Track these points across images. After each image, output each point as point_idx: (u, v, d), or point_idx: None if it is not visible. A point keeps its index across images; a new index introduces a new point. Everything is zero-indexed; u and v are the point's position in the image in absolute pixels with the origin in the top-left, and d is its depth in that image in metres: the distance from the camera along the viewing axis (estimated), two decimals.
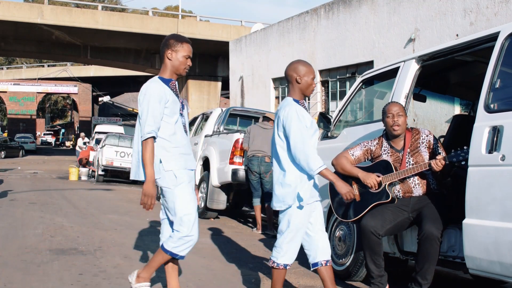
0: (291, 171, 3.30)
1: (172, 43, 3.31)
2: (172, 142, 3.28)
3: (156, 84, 3.26)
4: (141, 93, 3.27)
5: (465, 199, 3.29)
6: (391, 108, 3.84)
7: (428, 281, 3.51)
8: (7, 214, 7.63)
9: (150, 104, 3.19)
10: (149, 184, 3.16)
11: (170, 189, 3.27)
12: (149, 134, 3.16)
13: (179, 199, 3.28)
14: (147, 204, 3.20)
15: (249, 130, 7.32)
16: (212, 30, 26.32)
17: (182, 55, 3.32)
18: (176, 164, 3.27)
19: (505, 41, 3.31)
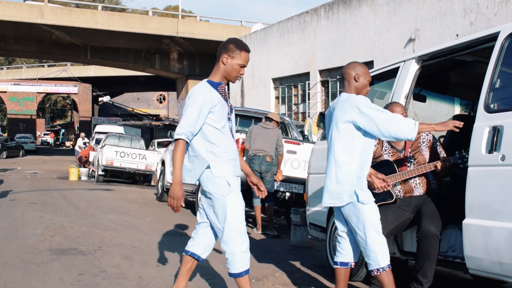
0: (347, 168, 3.27)
1: (231, 48, 3.20)
2: (220, 147, 3.16)
3: (203, 88, 3.17)
4: (188, 95, 3.21)
5: (465, 199, 3.29)
6: (394, 109, 3.82)
7: (429, 279, 3.51)
8: (7, 214, 7.63)
9: (190, 107, 3.11)
10: (175, 186, 3.03)
11: (223, 196, 3.12)
12: (178, 135, 3.06)
13: (232, 207, 3.13)
14: (174, 206, 3.05)
15: (250, 130, 7.34)
16: (212, 30, 26.32)
17: (238, 63, 3.21)
18: (226, 170, 3.15)
19: (505, 41, 3.31)
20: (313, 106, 17.06)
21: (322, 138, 5.19)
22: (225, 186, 3.12)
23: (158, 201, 10.86)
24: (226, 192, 3.12)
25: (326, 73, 16.56)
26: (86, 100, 48.21)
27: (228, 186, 3.12)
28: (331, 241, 4.66)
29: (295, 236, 6.37)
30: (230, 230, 3.12)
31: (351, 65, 3.48)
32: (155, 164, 15.37)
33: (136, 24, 25.12)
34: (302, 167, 7.70)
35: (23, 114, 48.60)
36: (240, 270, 3.13)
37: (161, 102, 61.02)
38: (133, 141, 18.11)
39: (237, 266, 3.13)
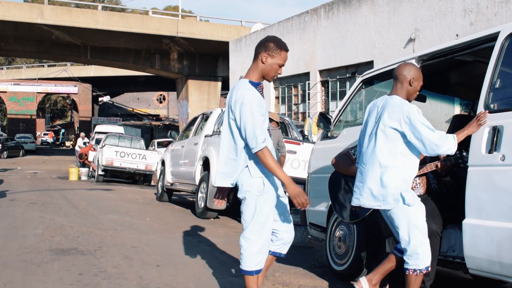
0: (393, 171, 3.23)
1: (272, 47, 3.14)
2: None
3: (252, 91, 3.10)
4: (236, 101, 3.07)
5: (465, 199, 3.29)
6: None
7: (430, 278, 3.52)
8: (7, 214, 7.63)
9: (253, 114, 3.03)
10: (292, 185, 3.02)
11: (256, 195, 3.12)
12: (264, 144, 3.01)
13: (263, 207, 3.13)
14: (304, 203, 3.02)
15: None
16: (212, 30, 26.32)
17: (277, 62, 3.16)
18: (265, 171, 3.13)
19: (505, 41, 3.31)
20: (313, 106, 17.06)
21: (323, 138, 5.19)
22: (259, 186, 3.13)
23: (158, 201, 10.86)
24: (259, 192, 3.13)
25: (326, 73, 16.56)
26: (86, 100, 48.21)
27: (263, 186, 3.13)
28: (331, 241, 4.66)
29: (295, 236, 6.34)
30: (253, 228, 3.13)
31: (408, 67, 3.40)
32: (155, 164, 15.38)
33: (136, 24, 25.12)
34: (302, 167, 7.70)
35: (23, 114, 48.60)
36: (251, 269, 3.14)
37: (161, 102, 61.03)
38: (133, 141, 18.12)
39: (249, 264, 3.14)
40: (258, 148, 3.02)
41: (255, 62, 3.19)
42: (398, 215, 3.24)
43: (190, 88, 28.79)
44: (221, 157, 3.27)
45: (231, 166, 3.19)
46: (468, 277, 4.19)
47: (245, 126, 3.04)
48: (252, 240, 3.13)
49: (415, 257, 3.23)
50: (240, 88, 3.11)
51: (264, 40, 3.20)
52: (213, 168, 7.96)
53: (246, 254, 3.14)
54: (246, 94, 3.06)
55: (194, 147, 9.10)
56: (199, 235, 6.62)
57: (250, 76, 3.20)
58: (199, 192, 8.37)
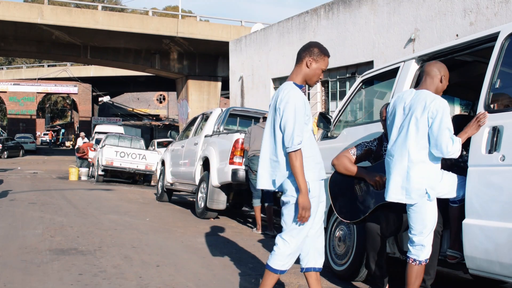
0: (421, 166, 3.24)
1: (316, 52, 3.21)
2: (306, 150, 3.12)
3: (298, 91, 3.14)
4: (281, 100, 3.11)
5: (465, 199, 3.29)
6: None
7: (431, 276, 3.52)
8: (7, 214, 7.63)
9: (296, 113, 3.05)
10: (305, 197, 3.03)
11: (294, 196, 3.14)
12: (299, 145, 3.02)
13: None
14: (304, 217, 3.06)
15: (249, 130, 7.33)
16: (212, 30, 26.32)
17: (321, 67, 3.23)
18: (311, 175, 3.13)
19: (505, 41, 3.32)
20: (313, 106, 17.06)
21: (323, 138, 5.19)
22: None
23: (158, 201, 10.86)
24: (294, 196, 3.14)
25: (326, 73, 16.56)
26: (86, 100, 48.20)
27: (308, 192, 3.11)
28: (331, 241, 4.66)
29: None
30: (292, 232, 3.19)
31: (440, 64, 3.45)
32: (155, 164, 15.38)
33: (136, 24, 25.13)
34: None
35: (23, 114, 48.58)
36: (278, 268, 3.21)
37: (161, 102, 61.03)
38: (133, 141, 18.12)
39: (278, 263, 3.20)
40: (292, 149, 3.02)
41: (298, 66, 3.24)
42: (420, 210, 3.28)
43: (190, 88, 28.79)
44: (263, 158, 3.27)
45: (273, 168, 3.20)
46: (468, 277, 4.19)
47: (286, 125, 3.07)
48: (289, 243, 3.18)
49: (419, 248, 3.30)
50: (286, 89, 3.15)
51: (308, 45, 3.26)
52: (213, 168, 7.96)
53: (278, 253, 3.19)
54: (292, 94, 3.11)
55: (194, 147, 9.10)
56: (199, 235, 6.62)
57: (294, 79, 3.24)
58: (199, 192, 8.37)
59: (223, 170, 7.68)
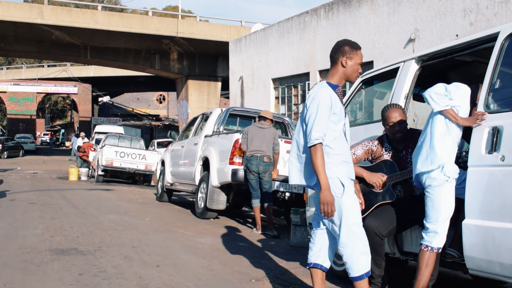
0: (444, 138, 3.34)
1: (348, 50, 3.27)
2: (335, 149, 3.14)
3: (326, 89, 3.18)
4: (309, 97, 3.19)
5: (465, 199, 3.29)
6: (392, 115, 3.84)
7: (434, 277, 3.52)
8: (7, 214, 7.63)
9: (319, 109, 3.10)
10: (326, 192, 3.01)
11: (337, 197, 3.10)
12: (316, 141, 3.04)
13: (348, 208, 3.11)
14: (328, 212, 3.02)
15: (246, 131, 7.31)
16: (212, 30, 26.32)
17: (357, 62, 3.27)
18: (339, 172, 3.13)
19: (505, 42, 3.32)
20: None
21: None
22: (339, 187, 3.11)
23: (158, 201, 10.86)
24: (340, 193, 3.10)
25: (326, 73, 16.56)
26: (86, 100, 48.20)
27: (342, 186, 3.11)
28: None
29: (295, 236, 6.37)
30: (347, 232, 3.10)
31: None
32: (154, 164, 15.38)
33: (135, 24, 25.13)
34: None
35: (23, 114, 48.56)
36: (361, 273, 3.11)
37: (161, 102, 61.03)
38: (133, 141, 18.12)
39: (357, 269, 3.11)
40: (311, 143, 3.05)
41: (334, 67, 3.31)
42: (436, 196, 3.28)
43: (190, 88, 28.79)
44: (292, 155, 3.28)
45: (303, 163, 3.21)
46: (468, 277, 4.19)
47: (308, 120, 3.12)
48: (350, 245, 3.11)
49: (432, 235, 3.31)
50: (317, 87, 3.22)
51: (338, 45, 3.32)
52: (212, 168, 7.96)
53: (349, 260, 3.11)
54: (319, 91, 3.17)
55: (194, 147, 9.10)
56: (199, 235, 6.63)
57: (329, 79, 3.30)
58: (199, 192, 8.36)
59: (223, 170, 7.68)
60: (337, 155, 3.15)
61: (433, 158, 3.31)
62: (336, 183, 3.11)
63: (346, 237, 3.11)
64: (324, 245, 3.31)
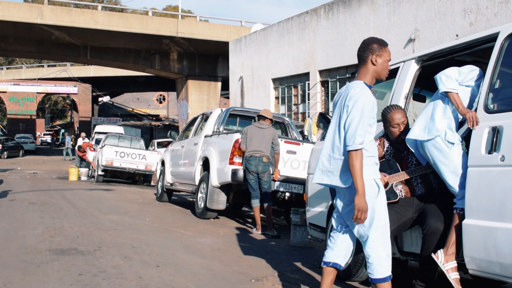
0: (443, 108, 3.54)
1: (376, 47, 3.23)
2: (369, 151, 3.15)
3: (369, 92, 3.15)
4: (351, 98, 3.11)
5: (465, 199, 3.30)
6: (395, 117, 3.83)
7: None
8: (7, 214, 7.63)
9: (363, 113, 3.05)
10: (362, 198, 2.97)
11: (372, 197, 3.09)
12: (360, 145, 3.00)
13: (381, 209, 3.11)
14: (361, 219, 2.99)
15: (245, 131, 7.30)
16: (212, 30, 26.33)
17: (386, 59, 3.25)
18: (374, 173, 3.15)
19: (505, 42, 3.32)
20: (313, 106, 17.06)
21: (322, 139, 5.19)
22: (375, 188, 3.12)
23: (158, 201, 10.86)
24: (375, 194, 3.10)
25: (326, 73, 16.57)
26: (86, 100, 48.20)
27: (378, 188, 3.12)
28: None
29: (295, 236, 6.37)
30: (376, 233, 3.09)
31: None
32: (154, 164, 15.38)
33: (135, 24, 25.13)
34: (302, 167, 7.70)
35: (23, 114, 48.57)
36: (385, 275, 3.09)
37: (161, 102, 61.04)
38: (133, 141, 18.12)
39: (382, 271, 3.08)
40: (353, 148, 3.00)
41: (364, 66, 3.25)
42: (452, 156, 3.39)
43: (190, 88, 28.80)
44: (323, 154, 3.25)
45: (336, 165, 3.16)
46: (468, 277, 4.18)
47: (351, 123, 3.05)
48: (378, 247, 3.10)
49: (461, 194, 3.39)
50: (357, 87, 3.14)
51: (365, 44, 3.28)
52: (212, 168, 7.96)
53: (376, 262, 3.09)
54: (363, 93, 3.10)
55: (194, 147, 9.10)
56: (199, 235, 6.63)
57: (363, 79, 3.24)
58: (199, 192, 8.36)
59: (223, 170, 7.68)
60: (371, 157, 3.16)
61: (431, 128, 3.46)
62: (372, 183, 3.11)
63: (376, 238, 3.09)
64: (346, 246, 3.31)
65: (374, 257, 3.08)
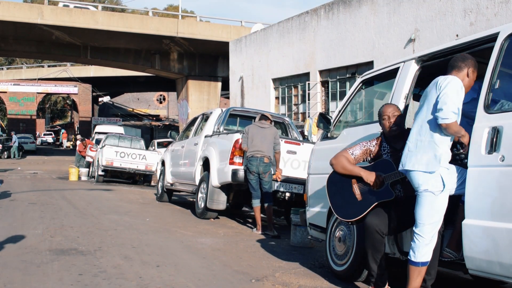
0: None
1: (473, 64, 3.44)
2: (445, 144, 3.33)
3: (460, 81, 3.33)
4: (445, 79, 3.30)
5: (465, 199, 3.30)
6: (386, 110, 3.89)
7: (432, 277, 3.52)
8: (7, 214, 7.63)
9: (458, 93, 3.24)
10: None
11: (434, 194, 3.29)
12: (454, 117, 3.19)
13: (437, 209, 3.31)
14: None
15: (247, 130, 7.30)
16: (212, 30, 26.32)
17: (474, 79, 3.46)
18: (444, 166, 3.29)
19: (505, 42, 3.32)
20: (313, 106, 17.06)
21: (322, 139, 5.19)
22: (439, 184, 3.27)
23: (158, 201, 10.86)
24: (439, 191, 3.28)
25: (326, 74, 16.57)
26: (86, 100, 48.21)
27: (442, 184, 3.27)
28: (331, 241, 4.66)
29: (295, 236, 6.37)
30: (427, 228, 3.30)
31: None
32: (155, 164, 15.39)
33: (136, 24, 25.13)
34: (302, 167, 7.70)
35: (23, 114, 48.58)
36: (418, 260, 3.33)
37: (161, 102, 61.04)
38: (133, 141, 18.13)
39: (418, 255, 3.33)
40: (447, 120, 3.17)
41: (457, 73, 3.42)
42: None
43: (190, 88, 28.79)
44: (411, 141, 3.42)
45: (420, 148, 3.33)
46: (468, 277, 4.19)
47: (445, 97, 3.21)
48: (425, 237, 3.31)
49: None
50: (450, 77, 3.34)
51: (465, 57, 3.49)
52: (213, 168, 7.96)
53: (418, 245, 3.32)
54: (456, 80, 3.30)
55: (194, 148, 9.10)
56: (199, 235, 6.63)
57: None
58: (199, 192, 8.36)
59: (223, 170, 7.68)
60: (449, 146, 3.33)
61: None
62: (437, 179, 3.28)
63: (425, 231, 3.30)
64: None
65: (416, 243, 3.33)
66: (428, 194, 3.28)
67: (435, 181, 3.25)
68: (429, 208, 3.28)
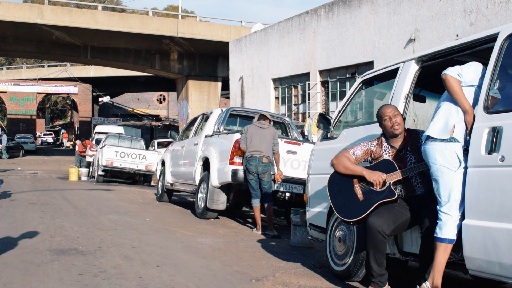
0: None
1: None
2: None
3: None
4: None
5: (465, 199, 3.30)
6: (386, 111, 3.89)
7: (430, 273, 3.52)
8: (7, 214, 7.63)
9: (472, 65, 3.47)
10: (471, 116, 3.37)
11: (452, 170, 3.35)
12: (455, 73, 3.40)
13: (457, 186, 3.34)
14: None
15: (246, 130, 7.29)
16: (212, 30, 26.33)
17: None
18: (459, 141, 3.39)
19: (505, 42, 3.32)
20: (313, 106, 17.06)
21: (322, 139, 5.19)
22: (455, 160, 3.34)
23: (158, 201, 10.86)
24: (456, 168, 3.34)
25: (326, 74, 16.57)
26: (86, 100, 48.22)
27: (458, 161, 3.34)
28: (331, 241, 4.66)
29: (295, 236, 6.37)
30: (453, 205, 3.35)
31: None
32: (155, 164, 15.39)
33: (136, 24, 25.13)
34: (302, 167, 7.70)
35: (23, 114, 48.58)
36: (445, 236, 3.35)
37: (161, 102, 61.05)
38: (133, 141, 18.13)
39: (444, 231, 3.35)
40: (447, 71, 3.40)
41: None
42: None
43: (190, 88, 28.80)
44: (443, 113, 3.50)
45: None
46: (468, 277, 4.20)
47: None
48: (450, 213, 3.35)
49: None
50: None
51: None
52: (213, 168, 7.96)
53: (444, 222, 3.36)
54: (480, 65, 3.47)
55: (194, 148, 9.10)
56: (199, 235, 6.63)
57: None
58: (199, 192, 8.37)
59: (223, 170, 7.68)
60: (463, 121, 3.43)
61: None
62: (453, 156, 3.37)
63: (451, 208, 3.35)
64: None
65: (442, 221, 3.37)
66: (446, 170, 3.34)
67: (451, 158, 3.33)
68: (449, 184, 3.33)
